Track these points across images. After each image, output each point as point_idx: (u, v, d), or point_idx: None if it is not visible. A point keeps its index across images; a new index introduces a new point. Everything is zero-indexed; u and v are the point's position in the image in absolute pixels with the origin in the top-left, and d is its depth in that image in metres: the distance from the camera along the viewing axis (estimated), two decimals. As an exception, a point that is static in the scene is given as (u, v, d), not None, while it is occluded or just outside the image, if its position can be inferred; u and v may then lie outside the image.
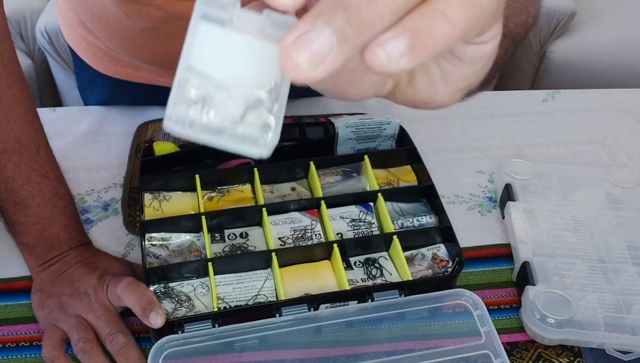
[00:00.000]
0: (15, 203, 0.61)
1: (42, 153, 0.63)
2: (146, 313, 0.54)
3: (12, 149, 0.60)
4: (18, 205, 0.61)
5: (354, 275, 0.62)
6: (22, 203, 0.61)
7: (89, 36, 0.81)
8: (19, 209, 0.61)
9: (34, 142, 0.62)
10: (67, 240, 0.62)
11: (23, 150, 0.61)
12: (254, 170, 0.68)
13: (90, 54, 0.84)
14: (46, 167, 0.63)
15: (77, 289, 0.58)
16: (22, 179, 0.61)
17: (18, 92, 0.61)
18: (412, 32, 0.24)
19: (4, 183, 0.60)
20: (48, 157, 0.64)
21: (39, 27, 1.64)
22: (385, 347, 0.58)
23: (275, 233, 0.64)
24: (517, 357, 0.60)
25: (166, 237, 0.64)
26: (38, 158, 0.62)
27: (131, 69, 0.83)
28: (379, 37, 0.24)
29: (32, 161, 0.61)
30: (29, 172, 0.61)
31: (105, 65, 0.84)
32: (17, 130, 0.60)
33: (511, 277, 0.67)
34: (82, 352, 0.55)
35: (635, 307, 0.62)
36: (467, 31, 0.25)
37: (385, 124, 0.73)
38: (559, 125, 0.89)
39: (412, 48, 0.24)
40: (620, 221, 0.70)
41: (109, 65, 0.83)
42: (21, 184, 0.61)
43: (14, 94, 0.60)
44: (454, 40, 0.25)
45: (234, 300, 0.59)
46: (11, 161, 0.60)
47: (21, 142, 0.61)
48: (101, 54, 0.82)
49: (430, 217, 0.68)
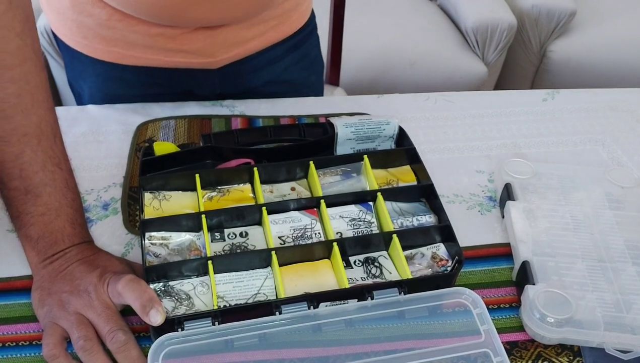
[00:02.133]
0: (26, 191, 0.61)
1: (58, 142, 0.64)
2: (146, 310, 0.54)
3: (32, 134, 0.61)
4: (29, 194, 0.61)
5: (353, 274, 0.63)
6: (34, 191, 0.61)
7: (80, 16, 0.81)
8: (29, 198, 0.61)
9: (52, 130, 0.63)
10: (71, 235, 0.62)
11: (42, 136, 0.62)
12: (253, 170, 0.68)
13: (80, 37, 0.84)
14: (60, 157, 0.63)
15: (77, 287, 0.58)
16: (38, 166, 0.61)
17: (44, 79, 0.62)
18: None
19: (18, 169, 0.61)
20: (62, 148, 0.64)
21: (39, 27, 1.64)
22: (385, 346, 0.58)
23: (275, 232, 0.64)
24: (516, 356, 0.60)
25: (166, 236, 0.64)
26: (54, 146, 0.63)
27: (123, 48, 0.83)
28: None
29: (48, 149, 0.62)
30: (44, 159, 0.62)
31: (95, 47, 0.84)
32: (39, 115, 0.61)
33: (511, 276, 0.67)
34: (83, 350, 0.55)
35: (635, 307, 0.62)
36: None
37: (385, 124, 0.73)
38: (559, 125, 0.89)
39: None
40: (619, 221, 0.70)
41: (100, 46, 0.84)
42: (36, 171, 0.61)
43: (40, 80, 0.62)
44: None
45: (234, 298, 0.59)
46: (30, 146, 0.61)
47: (41, 128, 0.62)
48: (92, 35, 0.83)
49: (429, 216, 0.68)
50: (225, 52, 0.86)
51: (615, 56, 1.97)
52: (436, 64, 1.84)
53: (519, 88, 2.08)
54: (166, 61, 0.85)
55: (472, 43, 1.88)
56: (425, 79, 1.84)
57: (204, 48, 0.84)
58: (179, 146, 0.73)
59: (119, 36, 0.82)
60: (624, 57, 1.97)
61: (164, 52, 0.83)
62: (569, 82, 2.00)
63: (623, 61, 1.98)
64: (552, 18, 1.90)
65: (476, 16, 1.84)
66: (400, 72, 1.82)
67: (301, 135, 0.75)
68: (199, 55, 0.85)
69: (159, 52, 0.83)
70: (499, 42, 1.85)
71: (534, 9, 1.90)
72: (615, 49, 1.97)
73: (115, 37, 0.82)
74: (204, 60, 0.85)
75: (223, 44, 0.85)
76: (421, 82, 1.83)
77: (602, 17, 2.02)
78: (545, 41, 1.98)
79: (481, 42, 1.85)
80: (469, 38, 1.88)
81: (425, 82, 1.83)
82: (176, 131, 0.83)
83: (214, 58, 0.86)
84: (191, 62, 0.85)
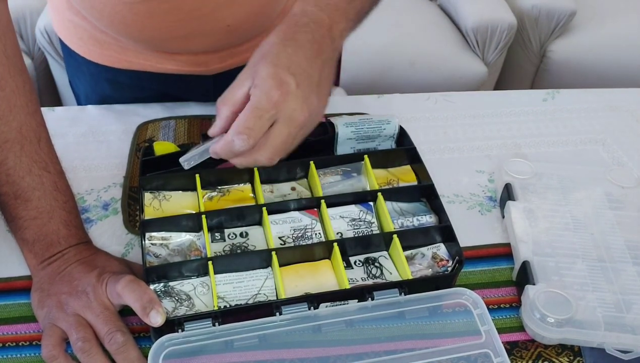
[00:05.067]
0: (15, 196, 0.61)
1: (43, 146, 0.63)
2: (146, 311, 0.54)
3: (14, 140, 0.61)
4: (18, 199, 0.61)
5: (354, 274, 0.62)
6: (23, 196, 0.61)
7: (76, 18, 0.81)
8: (20, 203, 0.61)
9: (35, 134, 0.62)
10: (67, 236, 0.62)
11: (24, 142, 0.61)
12: (254, 170, 0.68)
13: (76, 38, 0.84)
14: (47, 160, 0.63)
15: (75, 287, 0.58)
16: (23, 171, 0.61)
17: (20, 83, 0.61)
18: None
19: (5, 174, 0.60)
20: (49, 151, 0.64)
21: (39, 27, 1.64)
22: (385, 346, 0.58)
23: (275, 233, 0.64)
24: (517, 356, 0.60)
25: (166, 236, 0.64)
26: (39, 150, 0.62)
27: (116, 51, 0.83)
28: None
29: (33, 153, 0.62)
30: (30, 164, 0.61)
31: (90, 49, 0.84)
32: (19, 121, 0.61)
33: (511, 276, 0.67)
34: (82, 351, 0.55)
35: (635, 307, 0.62)
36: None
37: (385, 123, 0.73)
38: (559, 125, 0.89)
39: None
40: (620, 220, 0.70)
41: (94, 48, 0.84)
42: (22, 176, 0.61)
43: (16, 85, 0.61)
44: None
45: (234, 299, 0.59)
46: (12, 152, 0.60)
47: (23, 133, 0.61)
48: (87, 37, 0.83)
49: (430, 216, 0.68)
50: (219, 62, 0.86)
51: (615, 56, 1.97)
52: (436, 64, 1.84)
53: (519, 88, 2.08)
54: (160, 67, 0.85)
55: (472, 43, 1.88)
56: (425, 79, 1.84)
57: (197, 59, 0.84)
58: (179, 146, 0.73)
59: (112, 40, 0.82)
60: (624, 57, 1.97)
61: (157, 59, 0.83)
62: (569, 82, 2.00)
63: (623, 61, 1.97)
64: (552, 18, 1.90)
65: (476, 16, 1.84)
66: (400, 72, 1.82)
67: (301, 135, 0.75)
68: (192, 65, 0.85)
69: (152, 59, 0.84)
70: (499, 42, 1.85)
71: (534, 9, 1.90)
72: (615, 49, 1.97)
73: (108, 41, 0.82)
74: (197, 68, 0.85)
75: (216, 56, 0.85)
76: (421, 82, 1.83)
77: (602, 17, 2.02)
78: (545, 41, 1.98)
79: (481, 42, 1.85)
80: (469, 38, 1.88)
81: (425, 82, 1.83)
82: (176, 131, 0.83)
83: (207, 67, 0.85)
84: (185, 69, 0.85)
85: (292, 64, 0.56)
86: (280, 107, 0.55)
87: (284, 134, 0.56)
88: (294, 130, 0.56)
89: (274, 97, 0.54)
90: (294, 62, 0.56)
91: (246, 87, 0.56)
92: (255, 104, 0.55)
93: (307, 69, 0.57)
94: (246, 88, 0.56)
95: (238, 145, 0.55)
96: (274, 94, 0.54)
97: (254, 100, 0.55)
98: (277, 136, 0.56)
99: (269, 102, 0.54)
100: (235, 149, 0.56)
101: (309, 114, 0.56)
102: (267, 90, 0.55)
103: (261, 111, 0.55)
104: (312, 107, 0.57)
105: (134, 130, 0.83)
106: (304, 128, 0.57)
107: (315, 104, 0.57)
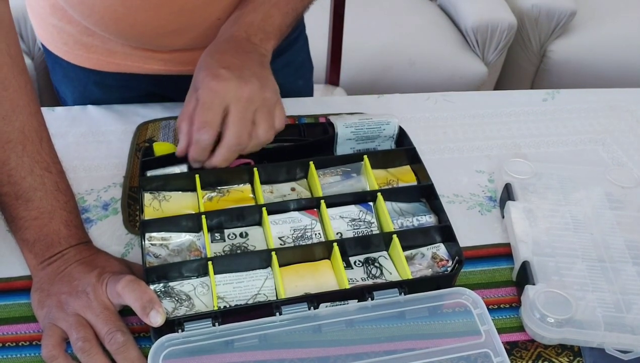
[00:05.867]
0: (17, 197, 0.61)
1: (45, 146, 0.63)
2: (146, 311, 0.54)
3: (16, 140, 0.61)
4: (20, 199, 0.61)
5: (353, 275, 0.62)
6: (24, 196, 0.61)
7: (60, 22, 0.81)
8: (21, 203, 0.61)
9: (37, 134, 0.63)
10: (67, 237, 0.62)
11: (26, 142, 0.61)
12: (253, 170, 0.68)
13: (61, 44, 0.84)
14: (48, 160, 0.63)
15: (75, 287, 0.58)
16: (25, 171, 0.61)
17: (23, 83, 0.62)
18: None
19: (6, 175, 0.60)
20: (50, 151, 0.64)
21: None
22: (385, 346, 0.58)
23: (275, 233, 0.64)
24: (516, 356, 0.60)
25: (166, 236, 0.64)
26: (41, 150, 0.63)
27: (103, 54, 0.83)
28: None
29: (35, 153, 0.62)
30: (31, 164, 0.61)
31: (76, 53, 0.84)
32: (21, 121, 0.61)
33: (511, 276, 0.67)
34: (82, 351, 0.55)
35: (635, 307, 0.62)
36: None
37: (385, 124, 0.73)
38: (559, 125, 0.89)
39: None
40: (620, 220, 0.70)
41: (80, 52, 0.84)
42: (23, 176, 0.61)
43: (19, 85, 0.61)
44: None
45: (234, 299, 0.59)
46: (14, 152, 0.61)
47: (25, 134, 0.61)
48: (72, 42, 0.83)
49: (430, 216, 0.68)
50: None
51: (615, 56, 1.97)
52: (436, 64, 1.84)
53: (519, 88, 2.08)
54: (147, 68, 0.85)
55: (472, 43, 1.88)
56: (425, 79, 1.84)
57: (184, 57, 0.84)
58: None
59: (99, 43, 0.82)
60: (624, 57, 1.97)
61: (144, 60, 0.83)
62: (569, 82, 2.00)
63: (623, 61, 1.97)
64: (552, 18, 1.90)
65: (476, 16, 1.84)
66: (400, 72, 1.82)
67: (301, 135, 0.75)
68: (179, 64, 0.85)
69: (139, 60, 0.84)
70: (499, 42, 1.85)
71: (534, 9, 1.90)
72: (615, 49, 1.97)
73: (95, 44, 0.82)
74: (185, 68, 0.85)
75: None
76: (421, 82, 1.83)
77: (602, 17, 2.02)
78: (545, 41, 1.98)
79: (481, 42, 1.85)
80: (469, 38, 1.88)
81: (425, 82, 1.83)
82: (176, 131, 0.83)
83: (194, 66, 0.85)
84: (172, 69, 0.85)
85: (221, 62, 0.64)
86: (222, 93, 0.62)
87: (239, 111, 0.62)
88: (245, 104, 0.62)
89: (214, 87, 0.61)
90: (223, 60, 0.64)
91: (194, 98, 0.63)
92: (201, 100, 0.62)
93: (234, 61, 0.64)
94: (195, 99, 0.63)
95: (203, 139, 0.61)
96: (213, 85, 0.62)
97: (200, 99, 0.62)
98: (234, 115, 0.62)
99: (210, 93, 0.61)
100: (204, 145, 0.62)
101: (250, 87, 0.62)
102: (206, 85, 0.62)
103: (207, 103, 0.61)
104: (251, 81, 0.63)
105: (134, 130, 0.83)
106: (255, 101, 0.63)
107: (254, 80, 0.63)
